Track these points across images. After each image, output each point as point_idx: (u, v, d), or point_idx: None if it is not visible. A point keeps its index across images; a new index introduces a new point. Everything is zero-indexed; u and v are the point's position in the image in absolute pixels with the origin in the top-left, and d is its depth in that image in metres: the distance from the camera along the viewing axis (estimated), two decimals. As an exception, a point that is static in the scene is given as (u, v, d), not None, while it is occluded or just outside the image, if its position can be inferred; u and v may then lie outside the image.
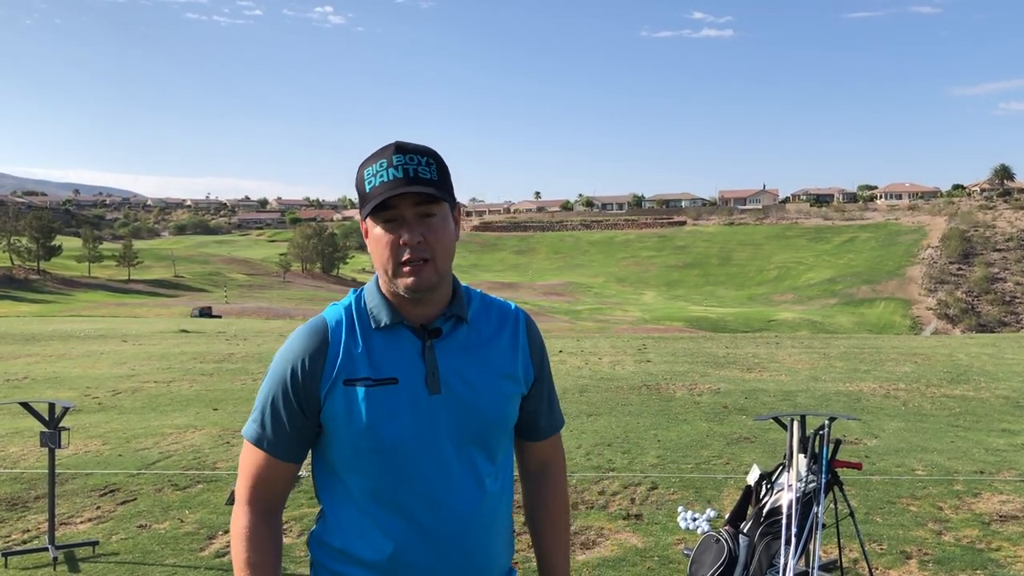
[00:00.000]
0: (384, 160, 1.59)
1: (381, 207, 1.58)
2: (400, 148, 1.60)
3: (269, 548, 1.65)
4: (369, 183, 1.60)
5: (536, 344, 1.80)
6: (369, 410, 1.59)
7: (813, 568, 4.15)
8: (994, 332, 70.94)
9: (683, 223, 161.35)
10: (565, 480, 1.93)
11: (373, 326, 1.66)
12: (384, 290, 1.68)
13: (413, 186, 1.56)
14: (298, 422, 1.64)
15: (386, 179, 1.58)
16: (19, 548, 5.24)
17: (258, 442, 1.66)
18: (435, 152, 1.64)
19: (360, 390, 1.60)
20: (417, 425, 1.61)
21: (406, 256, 1.58)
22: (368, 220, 1.62)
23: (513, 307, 1.82)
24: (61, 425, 5.21)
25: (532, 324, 1.82)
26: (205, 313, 67.12)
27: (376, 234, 1.61)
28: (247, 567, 1.62)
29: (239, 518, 1.67)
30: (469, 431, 1.65)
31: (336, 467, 1.66)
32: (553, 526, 1.87)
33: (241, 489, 1.69)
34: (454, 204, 1.68)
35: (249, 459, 1.69)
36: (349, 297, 1.73)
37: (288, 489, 1.72)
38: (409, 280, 1.59)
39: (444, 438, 1.63)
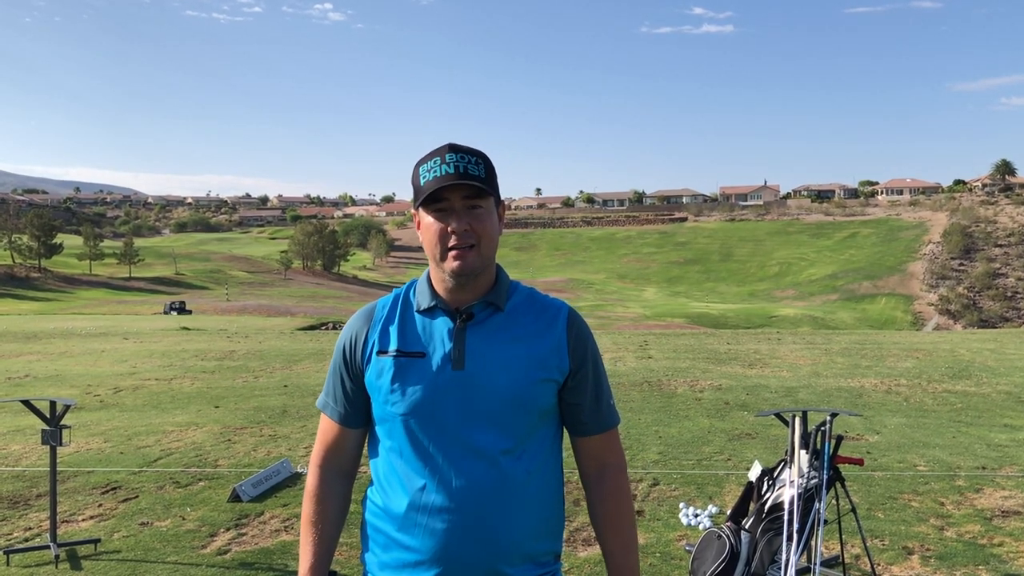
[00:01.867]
0: (438, 158, 1.76)
1: (433, 199, 1.75)
2: (453, 148, 1.77)
3: (329, 506, 1.90)
4: (423, 177, 1.77)
5: (576, 337, 1.89)
6: (394, 377, 1.79)
7: (815, 564, 4.15)
8: (996, 328, 70.84)
9: (684, 219, 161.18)
10: (626, 481, 1.95)
11: (415, 308, 1.86)
12: (433, 277, 1.85)
13: (462, 180, 1.72)
14: (350, 389, 1.88)
15: (439, 174, 1.74)
16: (21, 546, 5.24)
17: (323, 407, 1.93)
18: (484, 154, 1.81)
19: (388, 360, 1.80)
20: (436, 395, 1.76)
21: (453, 242, 1.75)
22: (421, 210, 1.80)
23: (559, 303, 1.94)
24: (62, 423, 5.21)
25: (575, 318, 1.92)
26: (176, 308, 66.00)
27: (427, 223, 1.78)
28: (307, 522, 1.90)
29: (308, 479, 1.93)
30: (486, 407, 1.77)
31: (376, 429, 1.87)
32: (615, 529, 1.91)
33: (312, 453, 1.96)
34: (499, 201, 1.85)
35: (320, 425, 1.96)
36: (406, 284, 1.93)
37: (355, 454, 1.95)
38: (455, 264, 1.75)
39: (461, 410, 1.77)
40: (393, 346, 1.81)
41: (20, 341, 22.48)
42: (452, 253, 1.74)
